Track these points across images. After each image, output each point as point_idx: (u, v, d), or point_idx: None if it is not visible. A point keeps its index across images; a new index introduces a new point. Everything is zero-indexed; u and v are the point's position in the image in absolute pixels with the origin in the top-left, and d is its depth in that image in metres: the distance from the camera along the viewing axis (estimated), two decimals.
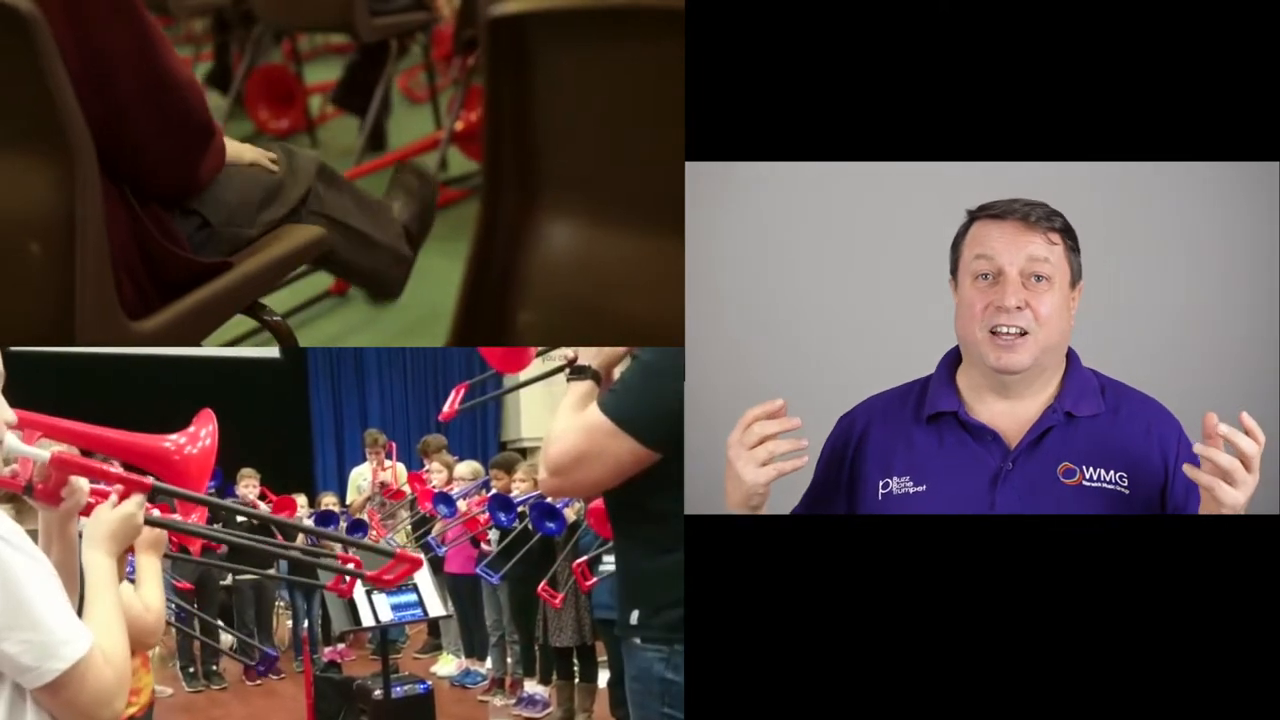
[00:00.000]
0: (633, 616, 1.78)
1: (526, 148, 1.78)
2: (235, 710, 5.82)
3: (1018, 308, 1.77)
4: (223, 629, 6.11)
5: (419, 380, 9.80)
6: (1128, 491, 1.78)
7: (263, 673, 6.05)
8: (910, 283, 2.23)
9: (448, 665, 6.27)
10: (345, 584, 3.40)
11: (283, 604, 7.11)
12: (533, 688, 5.36)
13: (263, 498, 6.27)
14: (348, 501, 7.10)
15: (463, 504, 5.37)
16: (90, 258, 2.14)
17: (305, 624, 6.34)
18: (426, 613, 4.48)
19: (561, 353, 2.00)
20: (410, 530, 6.27)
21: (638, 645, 1.78)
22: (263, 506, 6.12)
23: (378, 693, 4.38)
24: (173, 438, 1.84)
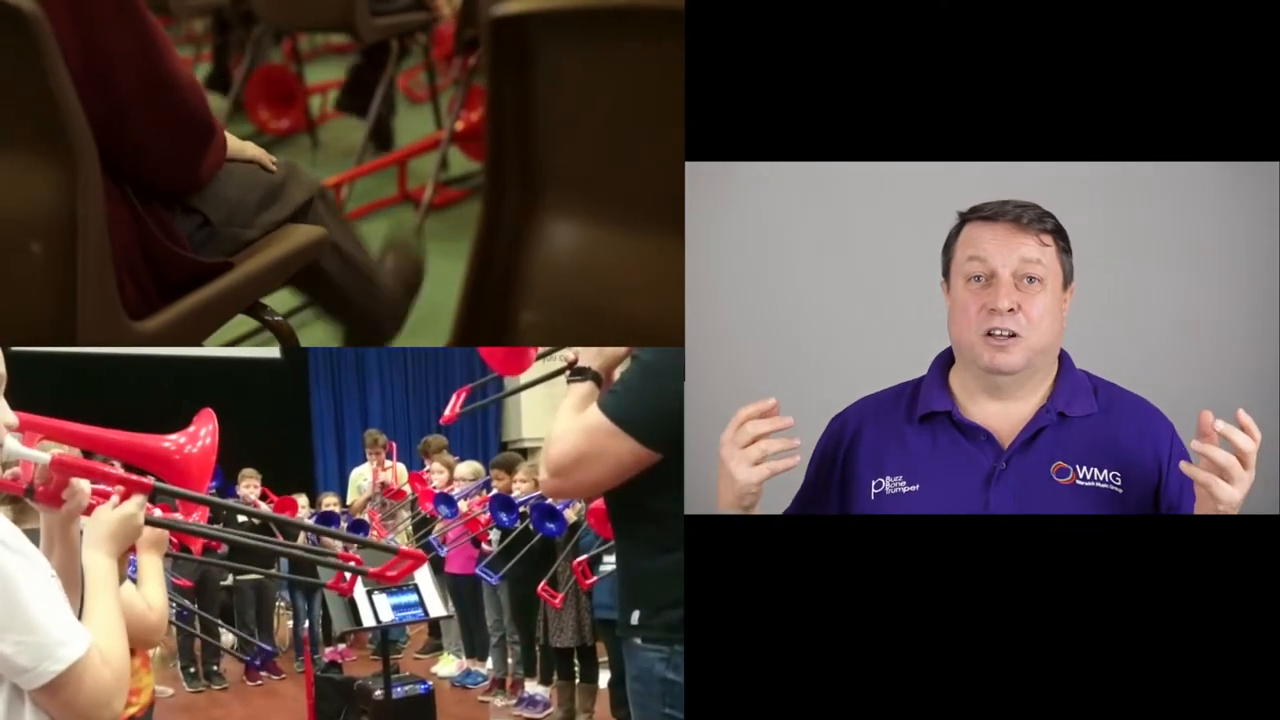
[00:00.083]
0: (633, 617, 1.78)
1: (528, 147, 1.78)
2: (236, 710, 5.81)
3: (1010, 310, 1.77)
4: (224, 627, 6.11)
5: (420, 380, 9.79)
6: (1121, 491, 1.78)
7: (259, 668, 6.05)
8: (911, 283, 2.22)
9: (448, 666, 6.27)
10: (346, 582, 3.40)
11: (283, 604, 7.10)
12: (533, 688, 5.35)
13: (264, 498, 6.26)
14: (348, 502, 7.09)
15: (464, 504, 5.37)
16: (92, 257, 2.14)
17: (306, 624, 6.34)
18: (427, 613, 4.48)
19: (562, 355, 2.00)
20: (411, 530, 6.26)
21: (638, 645, 1.78)
22: (264, 507, 6.12)
23: (378, 693, 4.38)
24: (173, 438, 1.83)
